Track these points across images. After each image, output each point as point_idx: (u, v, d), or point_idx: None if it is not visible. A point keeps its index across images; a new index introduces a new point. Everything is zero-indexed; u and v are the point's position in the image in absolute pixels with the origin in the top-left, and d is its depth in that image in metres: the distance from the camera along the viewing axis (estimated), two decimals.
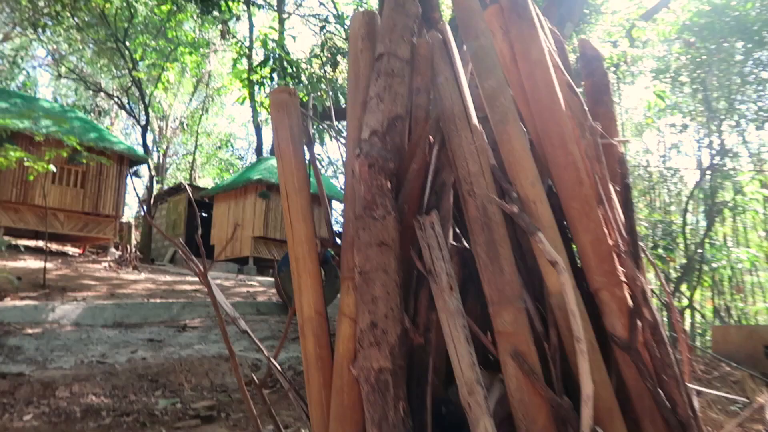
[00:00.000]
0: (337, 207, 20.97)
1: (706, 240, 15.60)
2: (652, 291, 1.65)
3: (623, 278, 1.57)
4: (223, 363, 6.55)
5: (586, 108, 1.80)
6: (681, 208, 17.21)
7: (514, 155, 1.66)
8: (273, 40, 9.07)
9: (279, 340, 8.44)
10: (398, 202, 1.68)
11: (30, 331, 7.49)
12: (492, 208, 1.61)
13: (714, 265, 16.30)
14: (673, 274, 14.68)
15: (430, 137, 1.95)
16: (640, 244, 1.62)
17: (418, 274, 1.74)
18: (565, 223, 1.80)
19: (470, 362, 1.46)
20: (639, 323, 1.53)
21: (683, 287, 15.30)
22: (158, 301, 9.77)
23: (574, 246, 1.83)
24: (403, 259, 1.65)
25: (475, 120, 1.75)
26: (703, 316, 16.93)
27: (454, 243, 1.92)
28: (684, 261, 15.67)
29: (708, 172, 15.36)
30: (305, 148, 1.97)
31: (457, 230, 1.99)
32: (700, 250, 15.58)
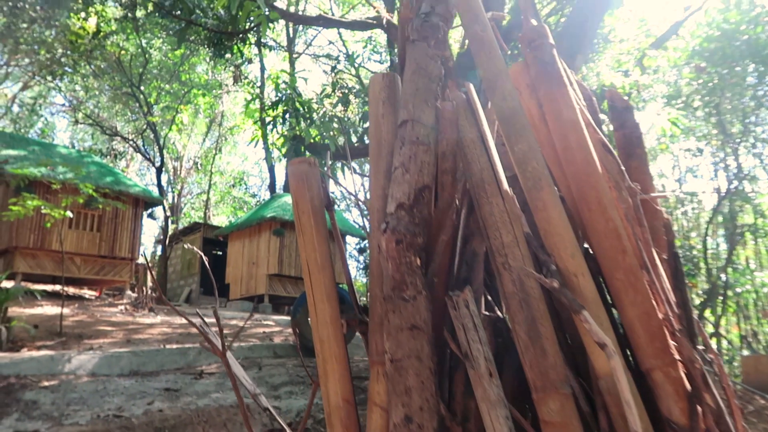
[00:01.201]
0: (350, 241, 20.89)
1: (729, 265, 15.27)
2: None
3: (678, 356, 1.44)
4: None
5: (623, 168, 1.70)
6: (700, 232, 16.92)
7: (551, 223, 1.55)
8: (285, 82, 9.13)
9: (297, 386, 8.24)
10: (427, 276, 1.58)
11: (46, 383, 7.40)
12: (530, 282, 1.50)
13: (738, 289, 15.91)
14: (696, 300, 14.33)
15: (456, 200, 1.86)
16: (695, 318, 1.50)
17: (451, 354, 1.62)
18: (605, 289, 1.68)
19: None
20: (699, 409, 1.39)
21: (707, 313, 14.91)
22: (174, 347, 9.66)
23: (614, 308, 1.71)
24: (436, 339, 1.54)
25: (506, 185, 1.65)
26: (729, 342, 16.46)
27: (487, 313, 1.80)
28: (707, 286, 15.32)
29: (727, 195, 15.12)
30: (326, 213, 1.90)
31: (489, 297, 1.88)
32: (723, 275, 15.23)
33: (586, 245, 1.82)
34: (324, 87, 11.14)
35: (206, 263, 2.58)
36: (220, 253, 20.10)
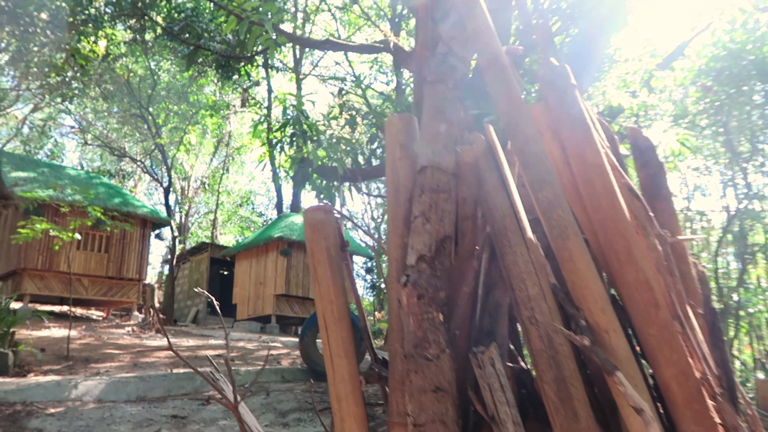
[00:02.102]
0: (357, 260, 20.79)
1: (741, 285, 15.08)
2: None
3: (719, 421, 1.35)
4: None
5: (651, 214, 1.63)
6: (710, 251, 16.76)
7: (579, 275, 1.48)
8: (292, 105, 9.14)
9: (306, 412, 8.12)
10: (449, 329, 1.51)
11: (53, 410, 7.31)
12: (558, 339, 1.43)
13: (750, 309, 15.69)
14: None
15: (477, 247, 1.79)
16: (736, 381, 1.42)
17: (474, 410, 1.54)
18: (635, 342, 1.61)
19: None
20: None
21: None
22: (181, 371, 9.56)
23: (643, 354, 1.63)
24: (459, 397, 1.46)
25: (529, 233, 1.59)
26: (742, 363, 16.18)
27: (510, 364, 1.73)
28: (719, 306, 15.10)
29: (737, 214, 15.00)
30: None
31: (512, 347, 1.80)
32: (735, 295, 15.03)
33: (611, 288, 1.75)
34: (331, 108, 11.16)
35: (214, 301, 2.52)
36: (227, 273, 20.06)
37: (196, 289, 3.63)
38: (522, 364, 1.74)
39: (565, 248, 1.52)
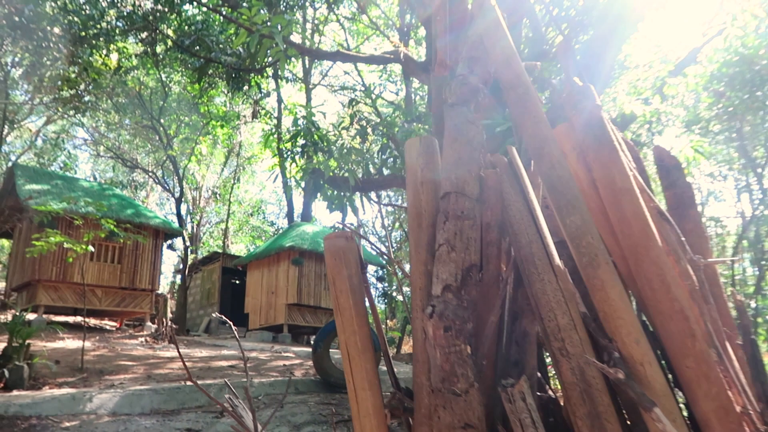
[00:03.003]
0: (369, 269, 20.72)
1: (758, 292, 14.87)
2: None
3: None
4: None
5: (683, 239, 1.58)
6: (725, 257, 16.58)
7: (611, 305, 1.43)
8: (303, 117, 9.15)
9: (320, 425, 8.07)
10: (476, 360, 1.46)
11: (67, 424, 7.31)
12: (591, 372, 1.38)
13: None
14: None
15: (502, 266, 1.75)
16: None
17: None
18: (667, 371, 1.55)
19: None
20: None
21: None
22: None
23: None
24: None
25: (557, 259, 1.54)
26: None
27: (538, 393, 1.68)
28: (735, 314, 14.87)
29: (752, 220, 14.84)
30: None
31: (539, 375, 1.75)
32: (752, 302, 14.82)
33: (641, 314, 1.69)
34: (342, 119, 11.17)
35: (229, 321, 2.49)
36: (239, 282, 20.10)
37: (214, 315, 3.60)
38: (549, 392, 1.69)
39: (595, 277, 1.47)
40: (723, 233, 18.98)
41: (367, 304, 1.91)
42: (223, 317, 2.65)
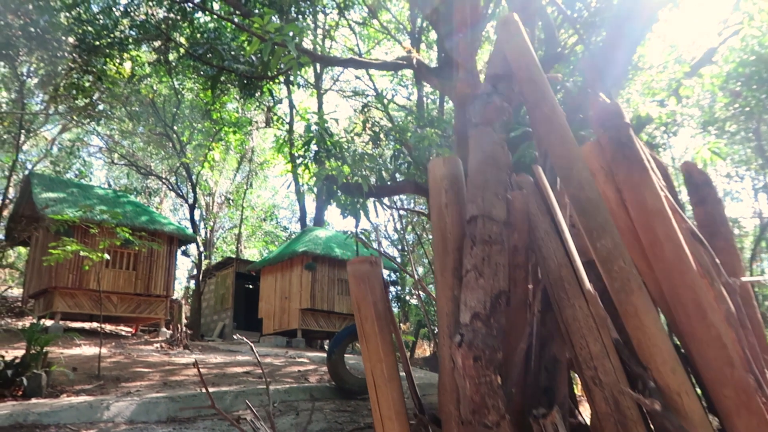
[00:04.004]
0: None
1: None
2: None
3: None
4: None
5: (718, 260, 1.53)
6: (744, 258, 16.35)
7: (645, 332, 1.39)
8: (316, 123, 9.15)
9: None
10: (506, 389, 1.43)
11: None
12: (625, 401, 1.34)
13: None
14: None
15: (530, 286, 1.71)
16: None
17: None
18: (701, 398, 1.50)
19: None
20: None
21: None
22: (211, 390, 9.57)
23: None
24: None
25: (587, 284, 1.50)
26: None
27: (571, 419, 1.64)
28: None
29: None
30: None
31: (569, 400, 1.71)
32: None
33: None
34: (354, 124, 11.16)
35: (245, 340, 2.46)
36: (253, 287, 20.17)
37: (237, 336, 3.57)
38: (581, 418, 1.65)
39: (628, 303, 1.43)
40: (740, 234, 18.73)
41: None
42: (240, 336, 2.63)
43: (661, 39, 13.46)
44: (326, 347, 18.60)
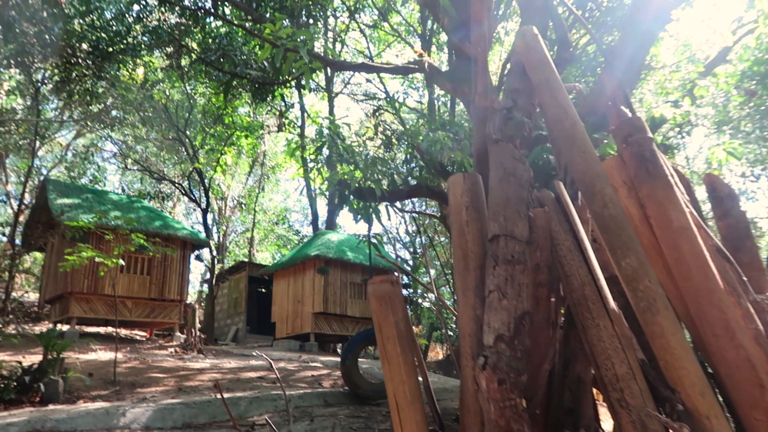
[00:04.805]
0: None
1: None
2: None
3: None
4: None
5: (745, 278, 1.51)
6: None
7: (672, 354, 1.37)
8: (327, 128, 9.17)
9: None
10: (530, 412, 1.41)
11: None
12: (653, 425, 1.31)
13: None
14: None
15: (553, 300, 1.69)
16: None
17: None
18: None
19: None
20: None
21: None
22: (225, 395, 9.60)
23: None
24: None
25: (612, 303, 1.48)
26: None
27: None
28: None
29: None
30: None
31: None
32: None
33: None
34: (366, 128, 11.16)
35: (261, 355, 2.46)
36: (265, 291, 20.24)
37: (257, 353, 3.56)
38: None
39: (654, 323, 1.41)
40: (757, 234, 18.48)
41: None
42: (258, 354, 2.62)
43: (674, 38, 13.34)
44: (339, 351, 18.62)
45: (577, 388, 1.51)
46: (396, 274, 19.11)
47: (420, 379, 1.93)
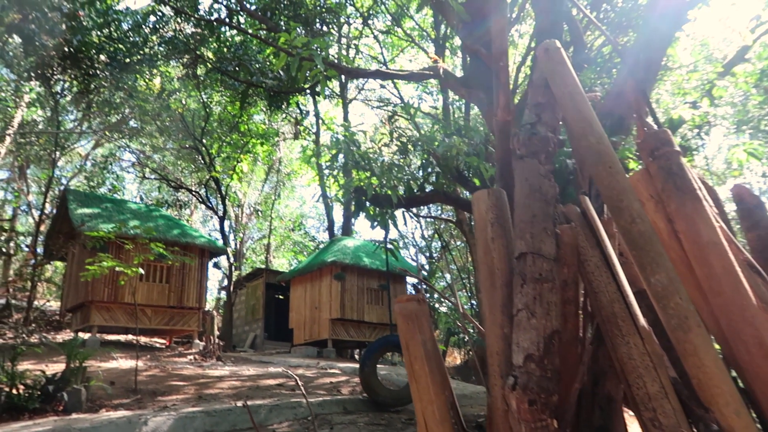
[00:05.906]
0: (408, 280, 20.69)
1: None
2: None
3: None
4: None
5: None
6: None
7: (705, 372, 1.35)
8: (344, 136, 9.19)
9: None
10: (561, 430, 1.40)
11: None
12: None
13: None
14: None
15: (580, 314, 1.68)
16: None
17: None
18: None
19: None
20: None
21: None
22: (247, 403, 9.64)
23: None
24: None
25: (642, 319, 1.46)
26: None
27: None
28: None
29: None
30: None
31: None
32: None
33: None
34: (382, 135, 11.17)
35: (279, 370, 2.46)
36: (283, 297, 20.32)
37: (284, 371, 3.58)
38: None
39: (686, 341, 1.39)
40: None
41: None
42: (284, 370, 2.63)
43: (691, 38, 13.20)
44: (357, 356, 18.63)
45: (608, 406, 1.49)
46: (415, 281, 19.09)
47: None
